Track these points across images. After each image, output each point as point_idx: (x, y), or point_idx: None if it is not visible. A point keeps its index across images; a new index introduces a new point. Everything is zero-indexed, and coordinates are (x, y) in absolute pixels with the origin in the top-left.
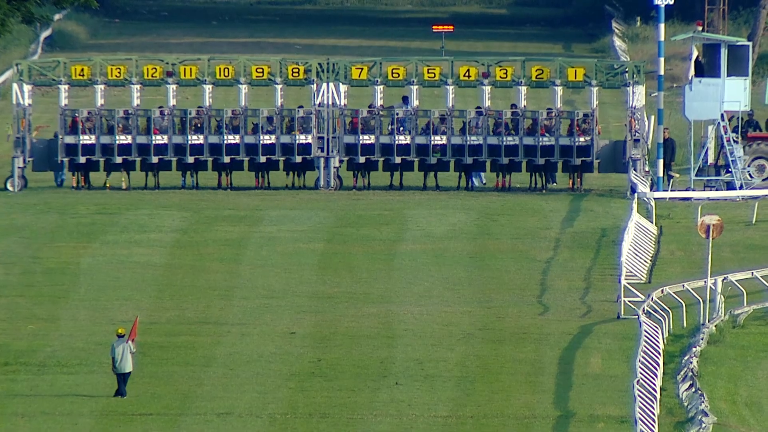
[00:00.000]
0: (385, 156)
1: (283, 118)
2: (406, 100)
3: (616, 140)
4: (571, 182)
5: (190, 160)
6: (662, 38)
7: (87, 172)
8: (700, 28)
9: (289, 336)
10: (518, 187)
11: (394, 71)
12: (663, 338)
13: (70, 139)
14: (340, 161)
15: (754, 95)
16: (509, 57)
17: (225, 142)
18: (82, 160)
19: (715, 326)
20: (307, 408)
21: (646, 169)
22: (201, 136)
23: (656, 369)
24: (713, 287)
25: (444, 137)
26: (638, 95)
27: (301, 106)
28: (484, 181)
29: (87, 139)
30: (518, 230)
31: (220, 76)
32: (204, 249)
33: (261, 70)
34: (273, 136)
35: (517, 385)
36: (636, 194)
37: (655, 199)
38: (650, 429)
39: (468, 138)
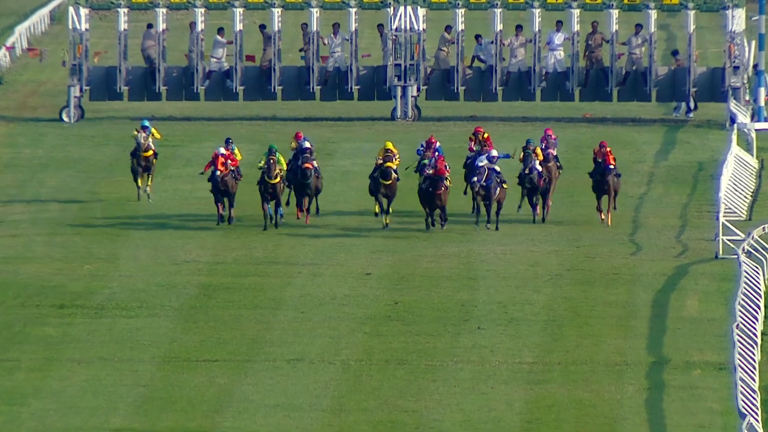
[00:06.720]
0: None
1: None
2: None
3: (714, 67)
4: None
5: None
6: None
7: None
8: None
9: (364, 277)
10: (609, 118)
11: None
12: (764, 279)
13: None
14: (418, 90)
15: None
16: None
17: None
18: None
19: None
20: (383, 354)
21: (747, 98)
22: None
23: (757, 312)
24: None
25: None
26: (738, 19)
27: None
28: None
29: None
30: None
31: None
32: None
33: None
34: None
35: (607, 329)
36: (735, 125)
37: (756, 130)
38: (750, 376)
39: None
